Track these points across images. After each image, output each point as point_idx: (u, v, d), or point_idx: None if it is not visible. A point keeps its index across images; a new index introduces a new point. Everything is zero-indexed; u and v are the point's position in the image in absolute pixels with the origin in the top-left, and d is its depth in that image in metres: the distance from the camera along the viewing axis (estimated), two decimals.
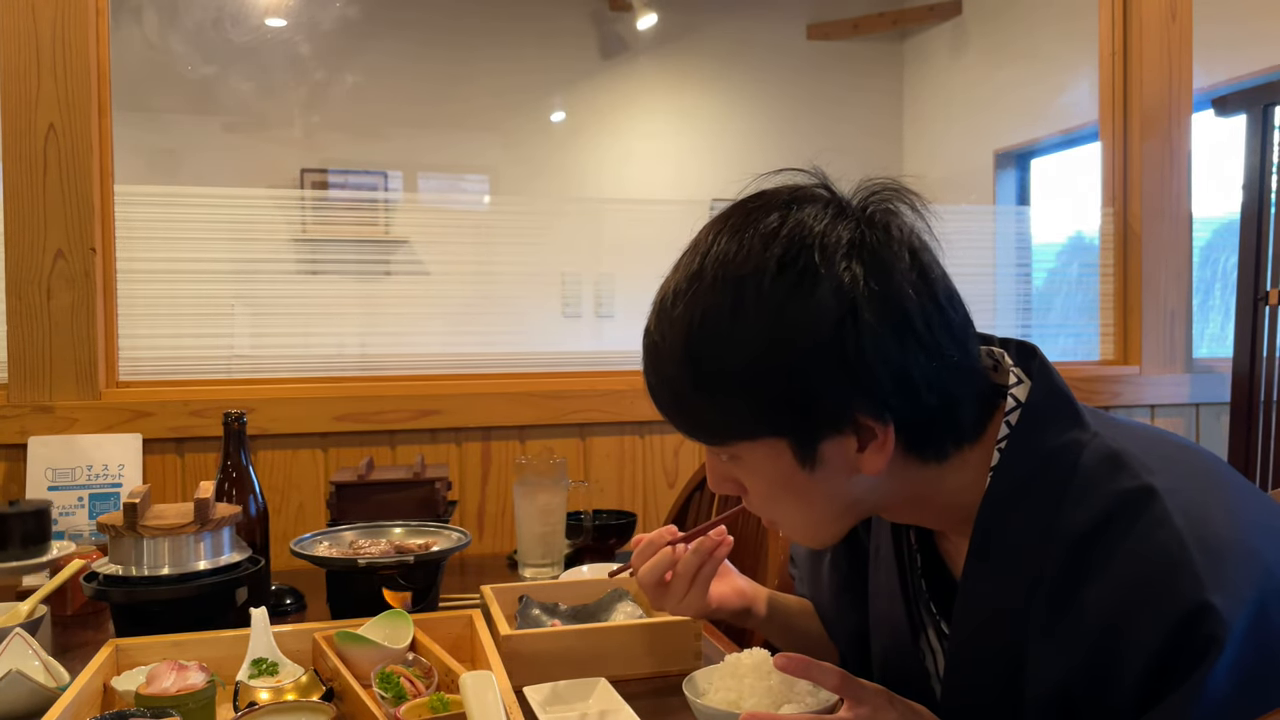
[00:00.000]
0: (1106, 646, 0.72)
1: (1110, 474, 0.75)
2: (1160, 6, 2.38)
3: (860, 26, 5.51)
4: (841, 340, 0.74)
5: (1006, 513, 0.79)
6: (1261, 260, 2.31)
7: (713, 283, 0.76)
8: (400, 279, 2.33)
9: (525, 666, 1.11)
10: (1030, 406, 0.80)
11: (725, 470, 0.85)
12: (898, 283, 0.76)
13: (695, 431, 0.83)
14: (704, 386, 0.77)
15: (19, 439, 1.80)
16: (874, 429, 0.76)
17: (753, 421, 0.78)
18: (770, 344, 0.74)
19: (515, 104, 5.17)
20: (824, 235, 0.76)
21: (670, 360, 0.79)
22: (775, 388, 0.75)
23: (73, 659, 1.18)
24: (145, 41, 4.48)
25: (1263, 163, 2.31)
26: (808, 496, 0.80)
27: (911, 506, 0.85)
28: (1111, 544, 0.73)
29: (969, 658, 0.84)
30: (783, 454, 0.78)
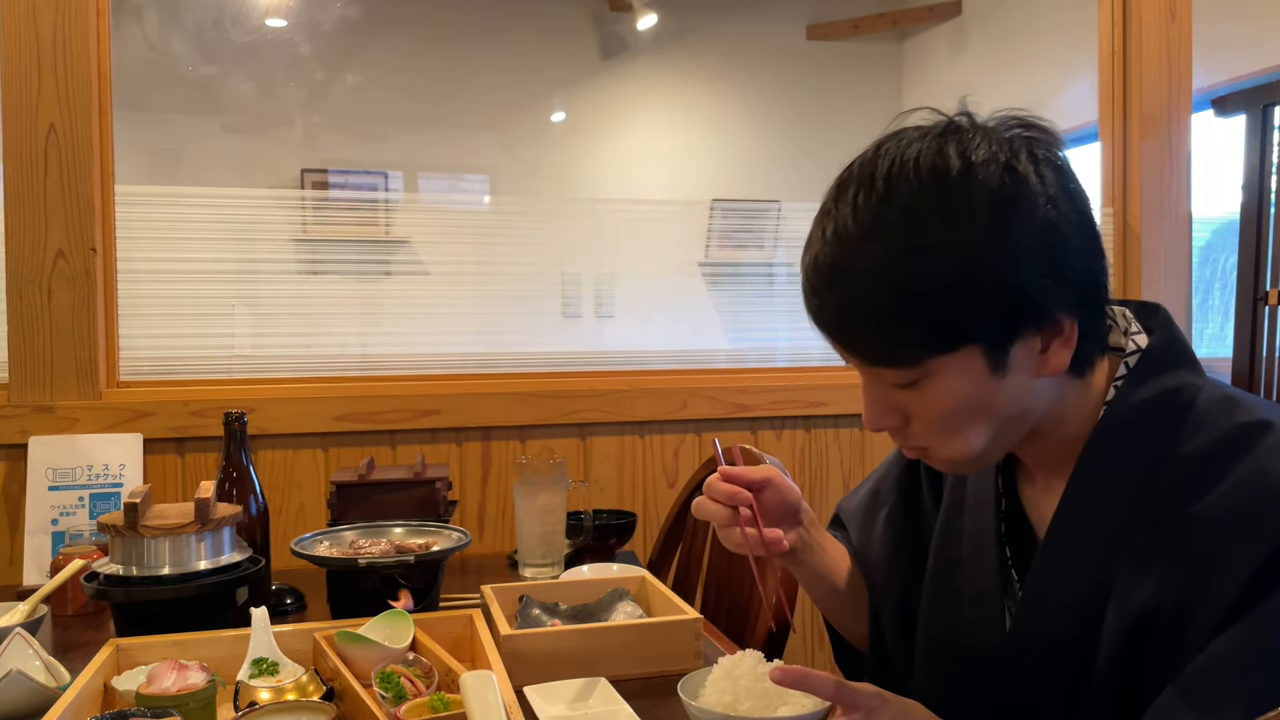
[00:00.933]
0: (1210, 557, 0.75)
1: (1226, 410, 0.80)
2: (1160, 6, 2.38)
3: (860, 27, 5.51)
4: (1049, 234, 0.77)
5: (1117, 442, 0.84)
6: (1261, 260, 2.32)
7: (910, 201, 0.77)
8: (400, 279, 2.33)
9: (525, 666, 1.11)
10: (1150, 351, 0.86)
11: (890, 402, 0.84)
12: (1078, 187, 0.81)
13: (890, 355, 0.80)
14: (911, 304, 0.77)
15: (19, 439, 1.80)
16: (1062, 323, 0.79)
17: (955, 332, 0.78)
18: (983, 248, 0.76)
19: (515, 104, 5.17)
20: (1009, 145, 0.79)
21: (871, 285, 0.77)
22: (985, 291, 0.76)
23: (73, 659, 1.18)
24: (146, 42, 4.49)
25: (1262, 163, 2.31)
26: (989, 408, 0.82)
27: (1035, 432, 0.87)
28: (1226, 466, 0.77)
29: (1051, 589, 0.87)
30: (975, 364, 0.79)
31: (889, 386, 0.83)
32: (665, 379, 2.17)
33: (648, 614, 1.28)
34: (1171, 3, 2.39)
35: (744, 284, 2.79)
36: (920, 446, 0.87)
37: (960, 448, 0.84)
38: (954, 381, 0.80)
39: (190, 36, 4.60)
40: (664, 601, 1.28)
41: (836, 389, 2.21)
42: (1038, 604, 0.89)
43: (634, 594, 1.32)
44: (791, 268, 2.70)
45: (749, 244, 2.83)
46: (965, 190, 0.76)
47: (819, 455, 2.23)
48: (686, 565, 1.82)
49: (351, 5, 4.85)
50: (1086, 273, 0.80)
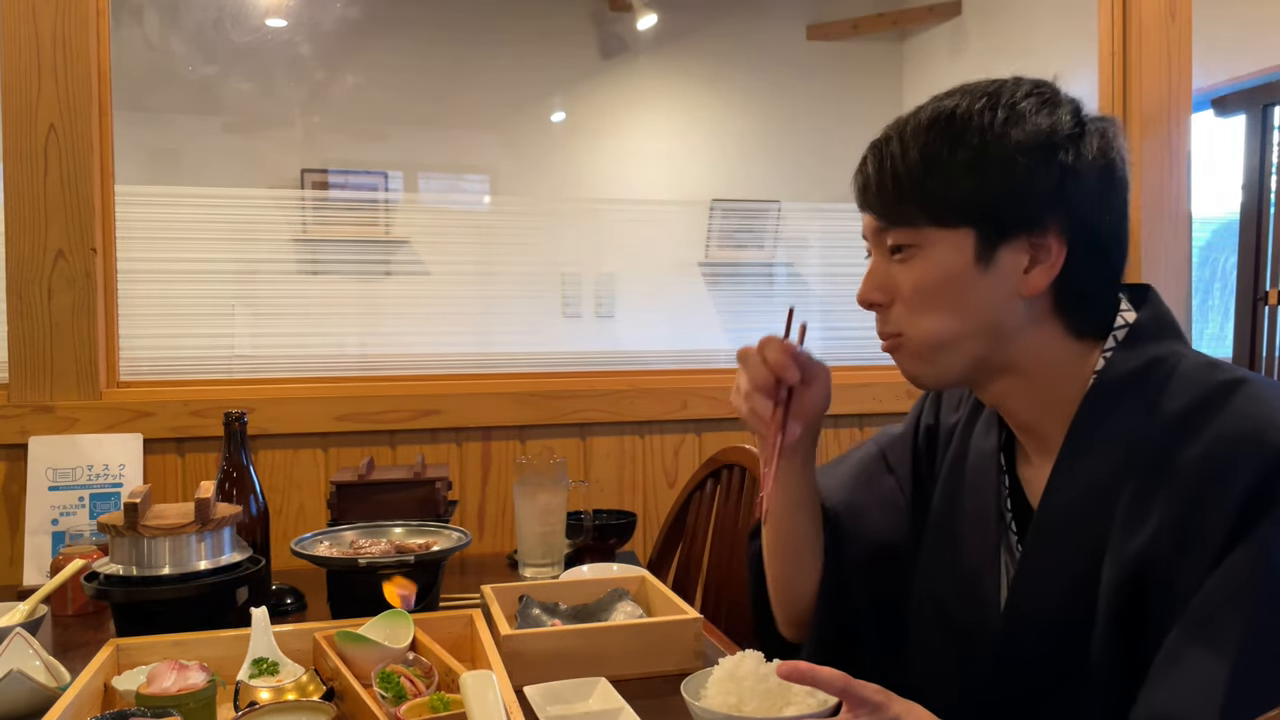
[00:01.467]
0: (1196, 502, 0.79)
1: (1207, 371, 0.86)
2: (1160, 6, 2.38)
3: (860, 27, 5.51)
4: (1067, 150, 0.87)
5: (1106, 407, 0.88)
6: (1261, 260, 2.32)
7: (971, 90, 0.91)
8: (400, 279, 2.34)
9: (525, 666, 1.11)
10: (1138, 324, 0.91)
11: (884, 277, 0.93)
12: (1119, 143, 0.90)
13: (902, 215, 0.90)
14: (932, 166, 0.88)
15: (19, 439, 1.80)
16: (1050, 247, 0.87)
17: (958, 206, 0.87)
18: (1013, 136, 0.87)
19: (515, 104, 5.17)
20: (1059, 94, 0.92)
21: (909, 145, 0.90)
22: (994, 175, 0.86)
23: (73, 659, 1.18)
24: (146, 42, 4.49)
25: (1262, 163, 2.32)
26: (964, 301, 0.89)
27: (1022, 385, 0.92)
28: (1208, 416, 0.82)
29: (1047, 554, 0.90)
30: (965, 247, 0.88)
31: (887, 262, 0.92)
32: (665, 379, 2.17)
33: (648, 614, 1.28)
34: (1171, 3, 2.39)
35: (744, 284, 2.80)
36: (895, 333, 0.93)
37: (929, 332, 0.90)
38: (942, 256, 0.89)
39: (190, 36, 4.60)
40: (664, 601, 1.28)
41: (836, 389, 2.20)
42: (1035, 571, 0.91)
43: (634, 594, 1.32)
44: (792, 267, 2.70)
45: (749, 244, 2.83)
46: (1012, 93, 0.89)
47: (819, 455, 2.22)
48: (686, 565, 1.82)
49: (351, 5, 4.85)
50: (1092, 217, 0.88)
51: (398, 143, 5.01)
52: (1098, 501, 0.86)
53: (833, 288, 2.60)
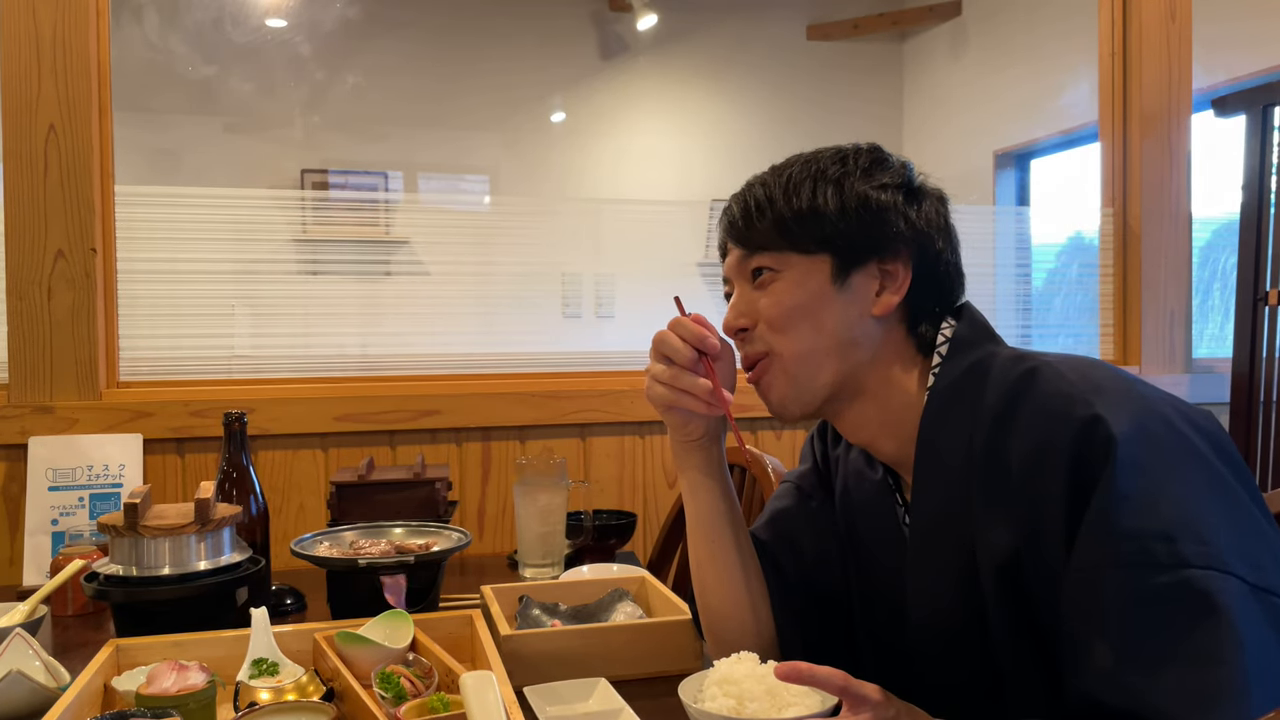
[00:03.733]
0: (1031, 486, 0.84)
1: (1013, 365, 0.91)
2: (1160, 6, 2.38)
3: (860, 27, 5.51)
4: (912, 197, 0.99)
5: (939, 418, 0.95)
6: (1261, 260, 2.32)
7: (820, 159, 1.01)
8: (400, 279, 2.33)
9: (525, 666, 1.11)
10: (956, 335, 0.98)
11: (748, 305, 1.00)
12: (946, 204, 1.02)
13: (764, 242, 0.98)
14: (793, 206, 0.97)
15: (19, 439, 1.80)
16: (898, 273, 0.97)
17: (816, 238, 0.97)
18: (869, 177, 0.98)
19: (515, 104, 5.18)
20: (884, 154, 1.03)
21: (772, 190, 0.99)
22: (850, 212, 0.97)
23: (73, 659, 1.18)
24: (146, 42, 4.49)
25: (1262, 163, 2.31)
26: (822, 318, 0.96)
27: (873, 408, 0.99)
28: (1018, 408, 0.87)
29: (926, 568, 0.96)
30: (820, 271, 0.97)
31: (750, 289, 1.00)
32: None
33: (648, 614, 1.28)
34: (1171, 3, 2.39)
35: None
36: (760, 353, 1.00)
37: (793, 347, 0.97)
38: (801, 279, 0.97)
39: (190, 37, 4.60)
40: (664, 602, 1.28)
41: None
42: (920, 587, 0.96)
43: (634, 594, 1.32)
44: None
45: None
46: (854, 153, 1.01)
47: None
48: (686, 565, 1.82)
49: (351, 6, 4.85)
50: (932, 254, 0.98)
51: (398, 143, 5.01)
52: (955, 510, 0.91)
53: None
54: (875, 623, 1.06)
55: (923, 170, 1.03)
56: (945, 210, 1.01)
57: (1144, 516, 0.78)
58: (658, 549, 1.91)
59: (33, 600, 1.32)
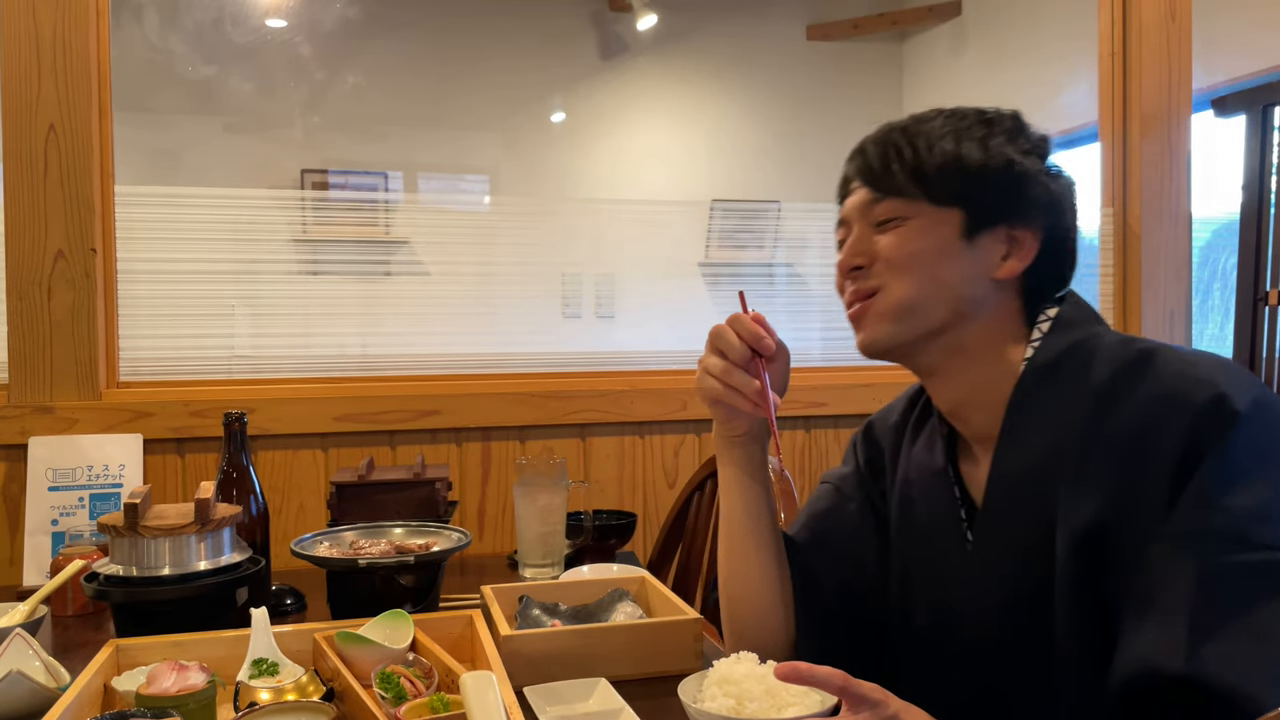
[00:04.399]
0: (1138, 459, 0.84)
1: (1124, 346, 0.92)
2: (1160, 6, 2.38)
3: (860, 27, 5.51)
4: (1051, 173, 0.99)
5: (1038, 388, 0.94)
6: (1261, 260, 2.32)
7: (965, 114, 1.00)
8: (400, 279, 2.33)
9: (525, 666, 1.11)
10: (1060, 316, 0.98)
11: (867, 245, 0.99)
12: (1075, 203, 1.02)
13: (900, 185, 0.97)
14: (937, 154, 0.96)
15: (19, 439, 1.80)
16: (1025, 241, 0.97)
17: (953, 190, 0.96)
18: (1014, 141, 0.98)
19: (515, 104, 5.17)
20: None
21: (916, 135, 0.98)
22: (993, 172, 0.96)
23: (73, 659, 1.18)
24: (146, 42, 4.49)
25: (1262, 163, 2.32)
26: (944, 269, 0.96)
27: (961, 365, 0.98)
28: (1133, 383, 0.88)
29: (998, 539, 0.95)
30: (950, 223, 0.96)
31: (871, 232, 0.99)
32: (665, 379, 2.17)
33: (648, 614, 1.28)
34: (1171, 3, 2.39)
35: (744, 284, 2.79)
36: (871, 289, 0.99)
37: (907, 290, 0.97)
38: (930, 227, 0.96)
39: (190, 37, 4.60)
40: (664, 602, 1.28)
41: (836, 389, 2.21)
42: (988, 559, 0.96)
43: (634, 594, 1.32)
44: (791, 268, 2.70)
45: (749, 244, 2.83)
46: (1003, 123, 0.99)
47: (819, 455, 2.23)
48: (686, 565, 1.82)
49: (351, 6, 4.85)
50: (1061, 230, 0.98)
51: (398, 143, 5.01)
52: (1040, 483, 0.91)
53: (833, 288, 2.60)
54: (917, 621, 1.05)
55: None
56: (1075, 191, 1.01)
57: (1247, 495, 0.79)
58: (658, 549, 1.91)
59: (33, 600, 1.32)
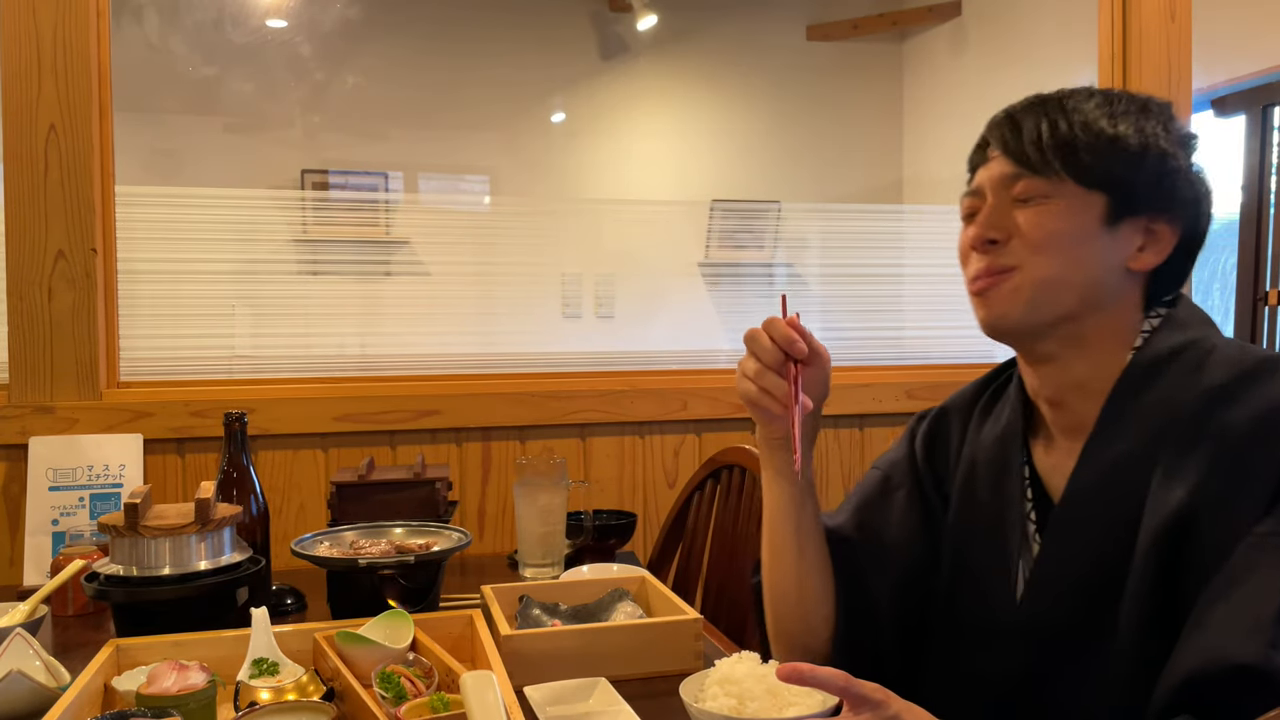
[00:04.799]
0: (1247, 456, 0.84)
1: (1243, 352, 0.91)
2: (1159, 7, 2.38)
3: (860, 27, 5.51)
4: (1194, 171, 0.97)
5: (1145, 380, 0.93)
6: (1261, 260, 2.32)
7: (1127, 98, 0.98)
8: (401, 279, 2.34)
9: (525, 666, 1.11)
10: (1171, 314, 0.97)
11: (1003, 219, 0.96)
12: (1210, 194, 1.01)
13: (1048, 163, 0.94)
14: (1090, 134, 0.94)
15: (20, 439, 1.80)
16: (1163, 235, 0.95)
17: (1102, 173, 0.93)
18: (1160, 138, 0.95)
19: (515, 105, 5.17)
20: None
21: (1073, 110, 0.96)
22: (1146, 162, 0.94)
23: (73, 659, 1.18)
24: (146, 42, 4.49)
25: (1262, 163, 2.32)
26: (1083, 252, 0.94)
27: (1077, 355, 0.96)
28: (1253, 386, 0.87)
29: (1080, 519, 0.93)
30: (1094, 207, 0.94)
31: (1010, 205, 0.96)
32: (665, 379, 2.17)
33: (648, 614, 1.28)
34: (1171, 3, 2.39)
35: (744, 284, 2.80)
36: (1006, 267, 0.96)
37: (1045, 270, 0.94)
38: (1073, 208, 0.94)
39: (190, 37, 4.60)
40: (664, 602, 1.28)
41: (836, 389, 2.19)
42: (1064, 544, 0.94)
43: (634, 594, 1.32)
44: (791, 268, 2.70)
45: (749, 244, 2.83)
46: (1153, 103, 0.97)
47: (819, 455, 2.23)
48: (686, 565, 1.82)
49: (352, 6, 4.85)
50: (1197, 227, 0.97)
51: (398, 143, 5.01)
52: (1132, 469, 0.90)
53: (833, 288, 2.60)
54: (965, 604, 1.03)
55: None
56: (1211, 199, 1.00)
57: None
58: (658, 549, 1.91)
59: (33, 600, 1.32)
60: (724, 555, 1.71)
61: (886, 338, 2.38)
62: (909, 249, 2.58)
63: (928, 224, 3.00)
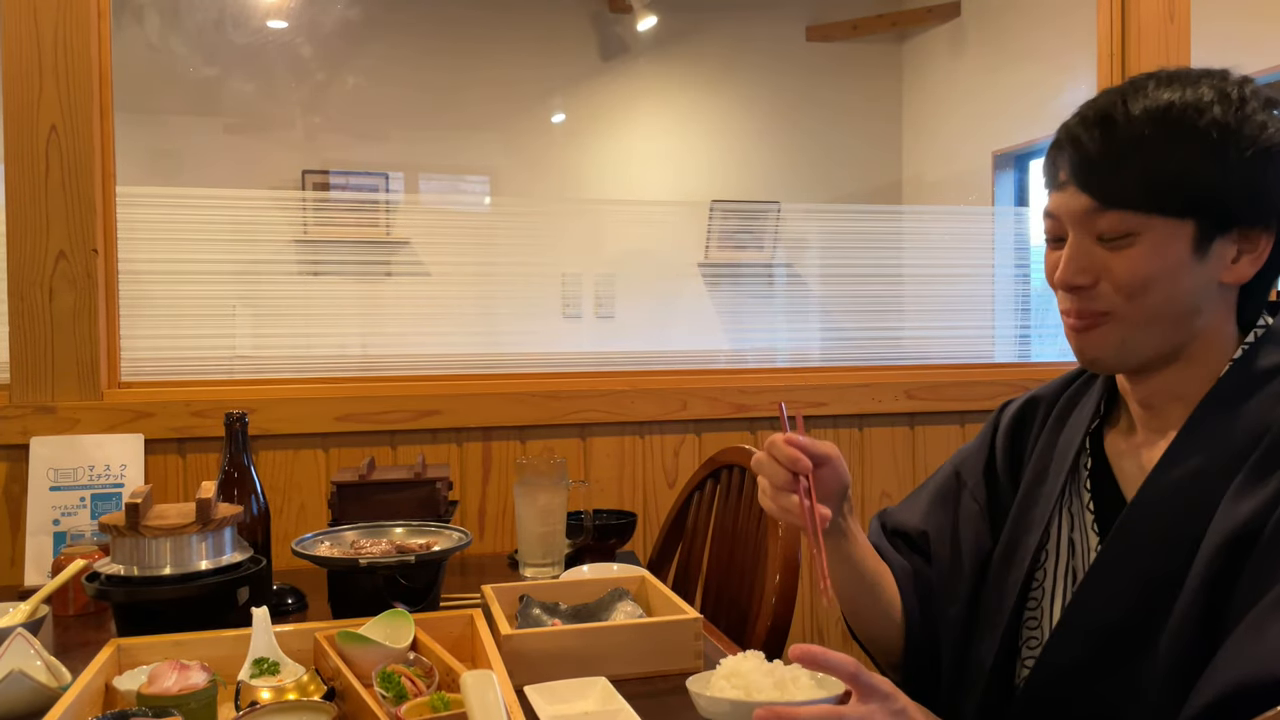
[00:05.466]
0: None
1: None
2: (1159, 7, 2.38)
3: (859, 28, 5.51)
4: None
5: (1235, 396, 0.91)
6: None
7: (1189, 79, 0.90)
8: (401, 280, 2.34)
9: (526, 666, 1.11)
10: (1275, 329, 0.94)
11: (1089, 260, 0.92)
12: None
13: (1129, 197, 0.89)
14: (1170, 157, 0.88)
15: (21, 439, 1.81)
16: (1259, 240, 0.91)
17: (1186, 199, 0.88)
18: (1245, 141, 0.88)
19: (515, 105, 5.18)
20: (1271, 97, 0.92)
21: (1147, 129, 0.89)
22: (1228, 174, 0.88)
23: (74, 659, 1.18)
24: (147, 43, 4.49)
25: None
26: (1177, 289, 0.90)
27: (1176, 365, 0.94)
28: None
29: (1148, 519, 0.92)
30: (1182, 237, 0.89)
31: (1093, 245, 0.91)
32: (665, 379, 2.17)
33: (648, 614, 1.29)
34: (1171, 3, 2.39)
35: (744, 284, 2.80)
36: (1099, 311, 0.93)
37: (1142, 315, 0.91)
38: (1160, 245, 0.89)
39: (191, 38, 4.61)
40: (664, 601, 1.28)
41: (836, 389, 2.21)
42: (1127, 544, 0.93)
43: (634, 594, 1.32)
44: (791, 268, 2.70)
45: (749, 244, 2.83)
46: (1237, 107, 0.89)
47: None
48: (686, 565, 1.82)
49: (352, 6, 4.85)
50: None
51: (398, 144, 5.01)
52: (1210, 479, 0.88)
53: (833, 288, 2.60)
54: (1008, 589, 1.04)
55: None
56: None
57: None
58: (658, 549, 1.92)
59: (34, 600, 1.32)
60: (724, 555, 1.71)
61: (886, 338, 2.38)
62: (908, 249, 2.58)
63: (927, 224, 3.00)
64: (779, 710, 0.81)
